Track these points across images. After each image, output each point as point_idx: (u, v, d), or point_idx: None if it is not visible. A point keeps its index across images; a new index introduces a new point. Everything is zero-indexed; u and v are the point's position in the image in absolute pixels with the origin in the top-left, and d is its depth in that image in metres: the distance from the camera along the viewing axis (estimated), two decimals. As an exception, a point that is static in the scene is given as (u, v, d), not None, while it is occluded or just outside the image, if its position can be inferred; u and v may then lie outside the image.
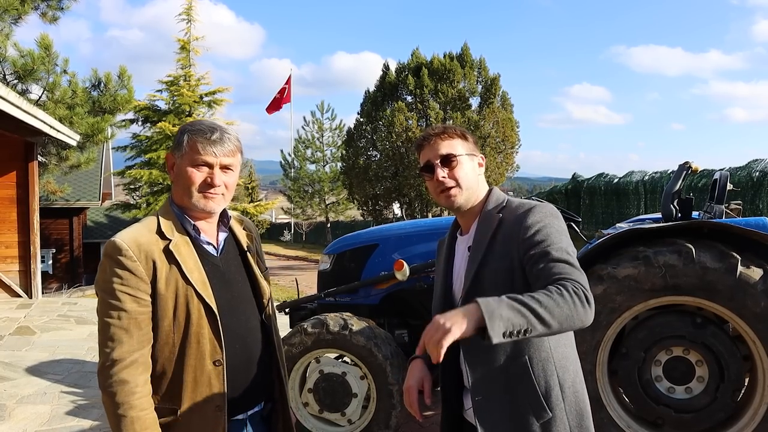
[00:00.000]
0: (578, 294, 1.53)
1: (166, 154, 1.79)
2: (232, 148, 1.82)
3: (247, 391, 1.90)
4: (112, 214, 25.27)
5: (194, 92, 17.88)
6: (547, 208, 1.78)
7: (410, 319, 4.59)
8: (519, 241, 1.72)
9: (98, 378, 1.73)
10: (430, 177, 1.88)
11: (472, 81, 25.61)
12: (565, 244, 1.68)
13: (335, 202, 39.36)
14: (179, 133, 1.84)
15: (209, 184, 1.80)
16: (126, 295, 1.70)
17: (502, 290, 1.59)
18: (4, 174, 9.94)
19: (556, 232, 1.71)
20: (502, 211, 1.83)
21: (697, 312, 3.67)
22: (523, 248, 1.70)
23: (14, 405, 5.06)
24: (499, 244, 1.76)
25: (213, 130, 1.79)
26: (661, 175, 14.08)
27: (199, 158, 1.78)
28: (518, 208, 1.80)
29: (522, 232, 1.72)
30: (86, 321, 8.34)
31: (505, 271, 1.73)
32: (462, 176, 1.86)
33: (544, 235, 1.69)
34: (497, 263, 1.74)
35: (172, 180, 1.87)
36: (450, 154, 1.86)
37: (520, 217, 1.75)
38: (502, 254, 1.75)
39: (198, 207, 1.82)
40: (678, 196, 4.07)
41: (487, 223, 1.83)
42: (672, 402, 3.63)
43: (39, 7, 12.62)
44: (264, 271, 2.03)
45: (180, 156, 1.81)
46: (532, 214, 1.75)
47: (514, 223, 1.75)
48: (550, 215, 1.75)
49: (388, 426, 3.94)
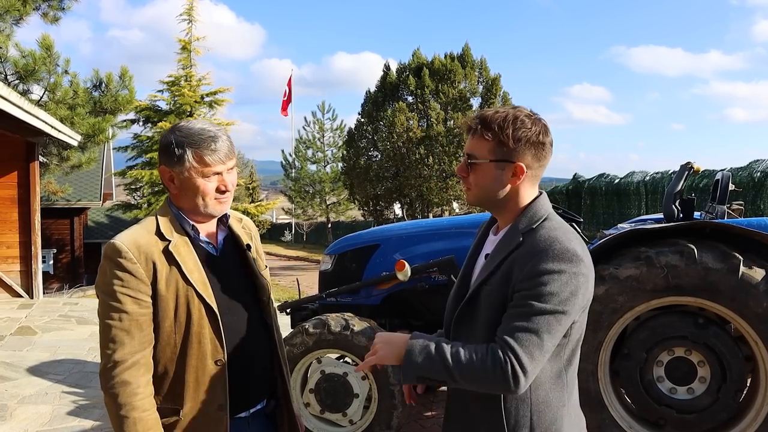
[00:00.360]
0: (504, 368, 1.47)
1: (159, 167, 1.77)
2: (231, 150, 1.83)
3: (249, 389, 1.91)
4: (113, 215, 25.30)
5: (195, 92, 17.88)
6: (565, 255, 1.53)
7: (412, 319, 4.59)
8: (518, 278, 1.55)
9: (100, 380, 1.74)
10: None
11: (473, 81, 25.62)
12: (546, 306, 1.50)
13: (336, 203, 39.36)
14: (176, 146, 1.77)
15: (223, 191, 1.82)
16: (126, 297, 1.70)
17: (494, 315, 1.58)
18: (6, 174, 9.95)
19: (555, 287, 1.51)
20: (526, 235, 1.61)
21: (699, 312, 3.66)
22: (516, 288, 1.56)
23: (15, 405, 5.07)
24: (504, 270, 1.60)
25: (213, 139, 1.77)
26: (662, 175, 14.07)
27: (209, 170, 1.78)
28: (537, 242, 1.57)
29: (524, 274, 1.54)
30: (87, 321, 8.34)
31: (498, 299, 1.59)
32: (477, 183, 1.67)
33: (537, 287, 1.51)
34: (495, 288, 1.61)
35: (173, 191, 1.84)
36: (472, 155, 1.67)
37: (531, 256, 1.55)
38: (502, 282, 1.60)
39: (213, 213, 1.84)
40: (680, 196, 4.07)
41: (508, 240, 1.65)
42: (674, 402, 3.62)
43: (40, 8, 12.64)
44: (264, 269, 2.03)
45: (183, 170, 1.77)
46: (543, 258, 1.53)
47: (524, 257, 1.56)
48: (563, 265, 1.52)
49: (390, 426, 3.94)
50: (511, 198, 1.67)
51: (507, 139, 1.60)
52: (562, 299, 1.51)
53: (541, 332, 1.50)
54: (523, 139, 1.61)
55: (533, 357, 1.49)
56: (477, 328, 1.63)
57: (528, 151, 1.63)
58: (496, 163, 1.63)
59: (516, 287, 1.55)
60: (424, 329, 4.65)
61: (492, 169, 1.64)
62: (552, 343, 1.53)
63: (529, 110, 1.65)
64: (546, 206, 1.67)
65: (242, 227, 2.03)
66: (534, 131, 1.62)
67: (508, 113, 1.62)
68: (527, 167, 1.64)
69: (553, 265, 1.52)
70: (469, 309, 1.66)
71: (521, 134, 1.61)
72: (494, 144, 1.62)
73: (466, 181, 1.70)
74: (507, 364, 1.47)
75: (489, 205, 1.72)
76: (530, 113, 1.64)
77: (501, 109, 1.64)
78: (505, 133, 1.60)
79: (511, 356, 1.47)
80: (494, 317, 1.58)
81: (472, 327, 1.64)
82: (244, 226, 2.04)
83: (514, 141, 1.60)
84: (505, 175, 1.64)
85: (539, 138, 1.63)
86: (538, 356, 1.50)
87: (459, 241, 4.28)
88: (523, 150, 1.62)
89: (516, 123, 1.60)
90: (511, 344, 1.48)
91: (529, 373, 1.49)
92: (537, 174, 1.68)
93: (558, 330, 1.52)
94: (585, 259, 1.57)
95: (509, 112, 1.63)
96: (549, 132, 1.66)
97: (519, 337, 1.49)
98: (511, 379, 1.47)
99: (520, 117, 1.61)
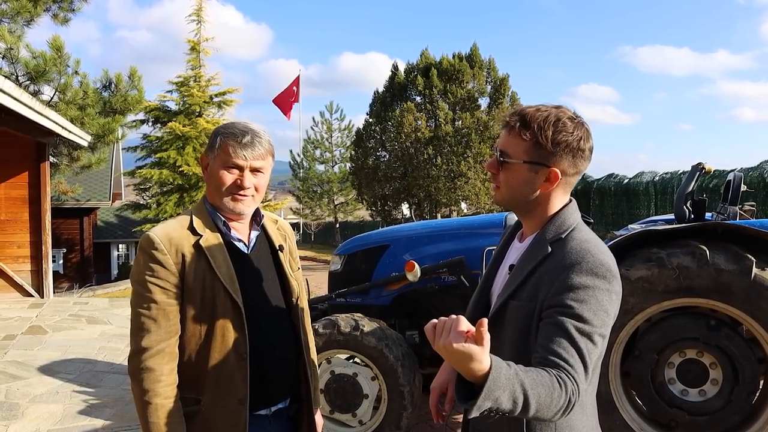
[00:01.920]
0: (572, 396, 1.32)
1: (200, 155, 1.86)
2: (262, 152, 1.85)
3: (271, 387, 1.93)
4: (123, 214, 25.40)
5: (204, 93, 17.91)
6: (599, 269, 1.43)
7: (421, 320, 4.58)
8: (549, 293, 1.44)
9: (128, 365, 1.80)
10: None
11: (482, 81, 25.59)
12: (596, 327, 1.39)
13: (344, 203, 39.39)
14: (213, 135, 1.87)
15: (239, 186, 1.84)
16: (156, 287, 1.76)
17: (518, 333, 1.49)
18: (17, 174, 10.02)
19: (592, 306, 1.40)
20: (555, 244, 1.51)
21: (711, 314, 3.64)
22: (546, 304, 1.43)
23: (27, 404, 5.10)
24: (532, 283, 1.49)
25: (245, 133, 1.82)
26: (672, 175, 14.01)
27: (230, 161, 1.82)
28: (568, 254, 1.46)
29: (555, 288, 1.43)
30: (97, 321, 8.38)
31: (526, 315, 1.48)
32: (507, 183, 1.56)
33: (573, 303, 1.39)
34: (523, 303, 1.49)
35: (205, 180, 1.92)
36: (505, 153, 1.55)
37: (563, 269, 1.44)
38: (530, 295, 1.48)
39: (228, 208, 1.87)
40: (691, 197, 4.05)
41: (535, 250, 1.54)
42: (685, 404, 3.61)
43: (50, 9, 12.72)
44: (296, 271, 2.06)
45: (213, 158, 1.85)
46: (577, 272, 1.42)
47: (555, 270, 1.45)
48: (597, 281, 1.42)
49: (399, 427, 3.94)
50: (540, 203, 1.56)
51: (545, 142, 1.48)
52: (600, 319, 1.40)
53: (585, 355, 1.37)
54: (563, 143, 1.49)
55: (581, 382, 1.36)
56: (504, 346, 1.52)
57: (566, 157, 1.51)
58: (530, 165, 1.52)
59: (548, 303, 1.43)
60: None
61: (525, 171, 1.53)
62: (592, 367, 1.40)
63: (573, 112, 1.54)
64: (575, 215, 1.57)
65: (277, 228, 2.06)
66: (576, 136, 1.50)
67: (550, 113, 1.51)
68: (562, 173, 1.52)
69: (587, 280, 1.41)
70: (495, 324, 1.52)
71: (561, 138, 1.49)
72: (531, 144, 1.50)
73: (495, 178, 1.59)
74: (575, 391, 1.33)
75: (516, 208, 1.62)
76: (574, 115, 1.53)
77: (543, 108, 1.52)
78: (545, 134, 1.48)
79: (574, 391, 1.32)
80: (521, 334, 1.49)
81: (498, 344, 1.50)
82: (279, 228, 2.07)
83: (553, 144, 1.49)
84: (537, 179, 1.53)
85: (580, 144, 1.51)
86: (584, 381, 1.37)
87: (469, 242, 4.28)
88: (561, 155, 1.50)
89: (557, 125, 1.49)
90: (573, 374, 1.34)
91: (580, 398, 1.35)
92: (571, 181, 1.57)
93: (596, 352, 1.40)
94: (617, 275, 1.47)
95: (552, 112, 1.51)
96: (590, 138, 1.55)
97: (570, 362, 1.35)
98: (571, 403, 1.32)
99: (563, 119, 1.50)
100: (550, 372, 1.33)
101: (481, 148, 24.18)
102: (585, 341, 1.37)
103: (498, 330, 1.53)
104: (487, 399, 1.21)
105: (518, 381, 1.25)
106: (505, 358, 1.40)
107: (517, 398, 1.24)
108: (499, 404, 1.23)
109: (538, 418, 1.31)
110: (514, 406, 1.25)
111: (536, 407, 1.27)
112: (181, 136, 17.11)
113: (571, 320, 1.38)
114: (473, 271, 4.15)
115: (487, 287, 1.73)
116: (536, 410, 1.27)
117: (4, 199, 10.03)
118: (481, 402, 1.21)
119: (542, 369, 1.33)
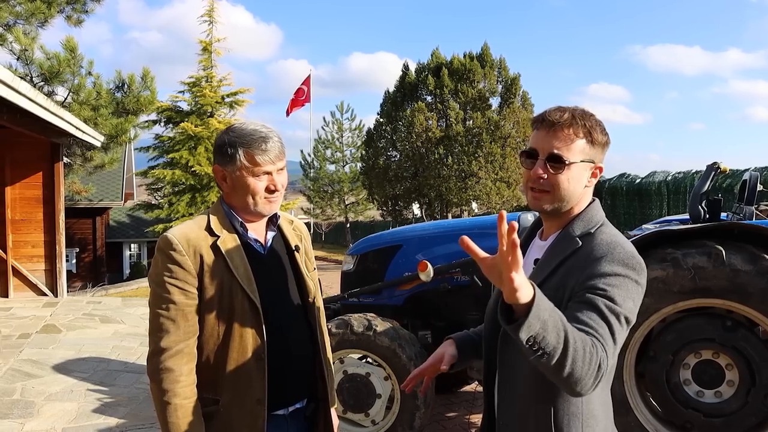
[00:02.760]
0: (602, 363, 1.32)
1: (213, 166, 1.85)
2: (280, 150, 1.87)
3: (289, 387, 1.94)
4: (135, 214, 25.57)
5: (216, 93, 17.98)
6: (630, 261, 1.47)
7: (434, 320, 4.57)
8: (579, 280, 1.46)
9: (147, 365, 1.80)
10: (529, 165, 1.58)
11: (492, 81, 25.52)
12: (623, 310, 1.40)
13: (355, 203, 39.40)
14: (228, 146, 1.83)
15: (272, 190, 1.86)
16: (174, 287, 1.77)
17: None
18: (31, 175, 10.11)
19: (622, 292, 1.42)
20: (584, 238, 1.53)
21: (727, 315, 3.61)
22: (576, 290, 1.45)
23: (42, 402, 5.14)
24: (560, 275, 1.51)
25: (264, 139, 1.83)
26: (685, 175, 13.91)
27: (260, 169, 1.82)
28: (599, 246, 1.50)
29: (585, 275, 1.45)
30: (110, 320, 8.44)
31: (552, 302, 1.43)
32: (563, 186, 1.55)
33: (607, 287, 1.42)
34: (550, 292, 1.46)
35: (225, 191, 1.91)
36: (561, 156, 1.53)
37: (593, 260, 1.46)
38: (558, 285, 1.50)
39: (263, 213, 1.89)
40: (706, 196, 4.01)
41: (563, 245, 1.56)
42: (701, 406, 3.58)
43: (64, 10, 12.80)
44: (312, 271, 2.07)
45: (235, 169, 1.83)
46: (608, 261, 1.45)
47: (585, 261, 1.48)
48: (628, 271, 1.45)
49: (412, 427, 3.94)
50: (582, 201, 1.60)
51: (595, 139, 1.56)
52: (628, 307, 1.43)
53: (614, 330, 1.38)
54: (604, 139, 1.58)
55: (610, 355, 1.37)
56: None
57: (603, 153, 1.60)
58: (586, 164, 1.56)
59: (578, 288, 1.45)
60: (447, 330, 4.64)
61: (582, 170, 1.56)
62: (618, 345, 1.41)
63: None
64: (601, 212, 1.62)
65: (293, 229, 2.07)
66: (606, 132, 1.60)
67: (586, 111, 1.58)
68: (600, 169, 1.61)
69: (618, 269, 1.44)
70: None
71: (603, 135, 1.58)
72: (585, 143, 1.55)
73: (542, 182, 1.56)
74: (605, 359, 1.33)
75: (559, 210, 1.59)
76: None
77: (575, 108, 1.58)
78: (595, 132, 1.55)
79: (603, 358, 1.33)
80: None
81: None
82: (294, 228, 2.09)
83: (600, 141, 1.57)
84: (587, 177, 1.58)
85: (608, 139, 1.61)
86: (612, 354, 1.38)
87: (482, 242, 4.23)
88: (602, 151, 1.60)
89: (601, 124, 1.58)
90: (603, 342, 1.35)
91: (606, 375, 1.37)
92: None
93: (622, 333, 1.41)
94: (645, 269, 1.51)
95: (586, 110, 1.58)
96: None
97: (602, 332, 1.36)
98: (599, 372, 1.32)
99: (597, 117, 1.59)
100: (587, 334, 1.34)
101: (492, 147, 24.12)
102: (614, 318, 1.39)
103: None
104: (536, 319, 1.21)
105: (559, 317, 1.27)
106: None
107: (560, 332, 1.25)
108: (545, 332, 1.23)
109: (572, 376, 1.29)
110: (557, 342, 1.24)
111: (573, 353, 1.26)
112: (193, 137, 17.20)
113: (602, 299, 1.40)
114: (486, 271, 4.13)
115: None
116: (572, 359, 1.26)
117: (19, 199, 10.12)
118: (531, 320, 1.21)
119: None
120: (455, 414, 4.94)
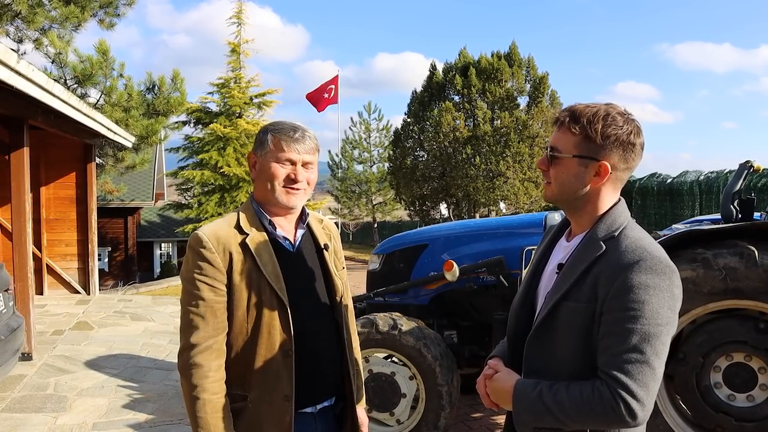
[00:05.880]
0: (617, 408, 1.37)
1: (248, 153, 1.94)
2: (312, 146, 1.91)
3: (316, 385, 1.95)
4: (165, 214, 25.96)
5: (244, 94, 18.16)
6: (659, 267, 1.43)
7: (460, 320, 4.56)
8: (609, 293, 1.43)
9: (177, 361, 1.84)
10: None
11: (521, 80, 25.31)
12: (650, 327, 1.39)
13: (382, 203, 39.44)
14: (261, 133, 1.93)
15: (293, 180, 1.89)
16: (204, 284, 1.80)
17: (576, 334, 1.48)
18: (65, 175, 10.33)
19: (654, 305, 1.40)
20: (608, 242, 1.50)
21: (760, 317, 3.53)
22: (607, 306, 1.44)
23: (74, 397, 5.25)
24: (589, 284, 1.48)
25: (295, 129, 1.89)
26: (718, 174, 13.63)
27: (283, 155, 1.87)
28: (625, 252, 1.46)
29: (615, 288, 1.42)
30: (141, 318, 8.58)
31: (584, 316, 1.48)
32: (557, 178, 1.58)
33: (634, 305, 1.39)
34: (580, 303, 1.48)
35: (253, 178, 1.97)
36: (555, 148, 1.57)
37: (621, 269, 1.43)
38: (588, 296, 1.48)
39: (281, 202, 1.90)
40: (738, 196, 3.93)
41: (587, 249, 1.53)
42: (732, 410, 3.51)
43: (97, 14, 13.03)
44: (341, 270, 2.09)
45: (263, 154, 1.90)
46: (636, 271, 1.41)
47: (613, 270, 1.45)
48: (657, 279, 1.41)
49: (437, 427, 3.93)
50: (590, 200, 1.57)
51: (595, 135, 1.51)
52: (664, 317, 1.40)
53: (650, 358, 1.39)
54: (612, 136, 1.51)
55: (648, 387, 1.38)
56: (557, 348, 1.52)
57: (616, 151, 1.52)
58: (580, 159, 1.54)
59: (608, 304, 1.43)
60: (472, 330, 4.61)
61: (574, 165, 1.54)
62: (662, 367, 1.42)
63: (623, 108, 1.57)
64: (626, 213, 1.58)
65: (322, 227, 2.10)
66: (625, 130, 1.51)
67: (599, 108, 1.54)
68: (612, 168, 1.53)
69: (648, 279, 1.41)
70: (546, 326, 1.54)
71: (611, 131, 1.50)
72: (580, 138, 1.52)
73: (546, 174, 1.61)
74: (619, 403, 1.37)
75: (566, 204, 1.62)
76: (623, 111, 1.55)
77: (593, 105, 1.56)
78: (594, 127, 1.50)
79: (623, 393, 1.37)
80: (577, 336, 1.48)
81: (550, 345, 1.54)
82: (324, 227, 2.11)
83: (603, 137, 1.50)
84: (587, 174, 1.54)
85: (630, 138, 1.52)
86: (653, 385, 1.39)
87: (508, 242, 4.24)
88: (611, 148, 1.51)
89: (607, 119, 1.51)
90: (622, 380, 1.38)
91: (647, 405, 1.38)
92: (622, 177, 1.57)
93: (664, 351, 1.42)
94: (675, 268, 1.47)
95: (601, 107, 1.54)
96: (641, 134, 1.56)
97: (629, 370, 1.38)
98: (627, 416, 1.37)
99: (612, 114, 1.52)
100: (593, 385, 1.42)
101: (520, 147, 23.93)
102: (645, 344, 1.40)
103: (550, 332, 1.53)
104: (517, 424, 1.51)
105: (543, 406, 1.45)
106: (559, 360, 1.49)
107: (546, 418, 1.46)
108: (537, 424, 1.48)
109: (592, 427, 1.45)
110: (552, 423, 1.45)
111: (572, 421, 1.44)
112: (222, 137, 17.39)
113: (631, 324, 1.40)
114: (512, 271, 4.11)
115: (532, 286, 1.71)
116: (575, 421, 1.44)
117: (53, 198, 10.36)
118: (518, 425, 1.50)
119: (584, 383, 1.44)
120: (480, 415, 4.92)
